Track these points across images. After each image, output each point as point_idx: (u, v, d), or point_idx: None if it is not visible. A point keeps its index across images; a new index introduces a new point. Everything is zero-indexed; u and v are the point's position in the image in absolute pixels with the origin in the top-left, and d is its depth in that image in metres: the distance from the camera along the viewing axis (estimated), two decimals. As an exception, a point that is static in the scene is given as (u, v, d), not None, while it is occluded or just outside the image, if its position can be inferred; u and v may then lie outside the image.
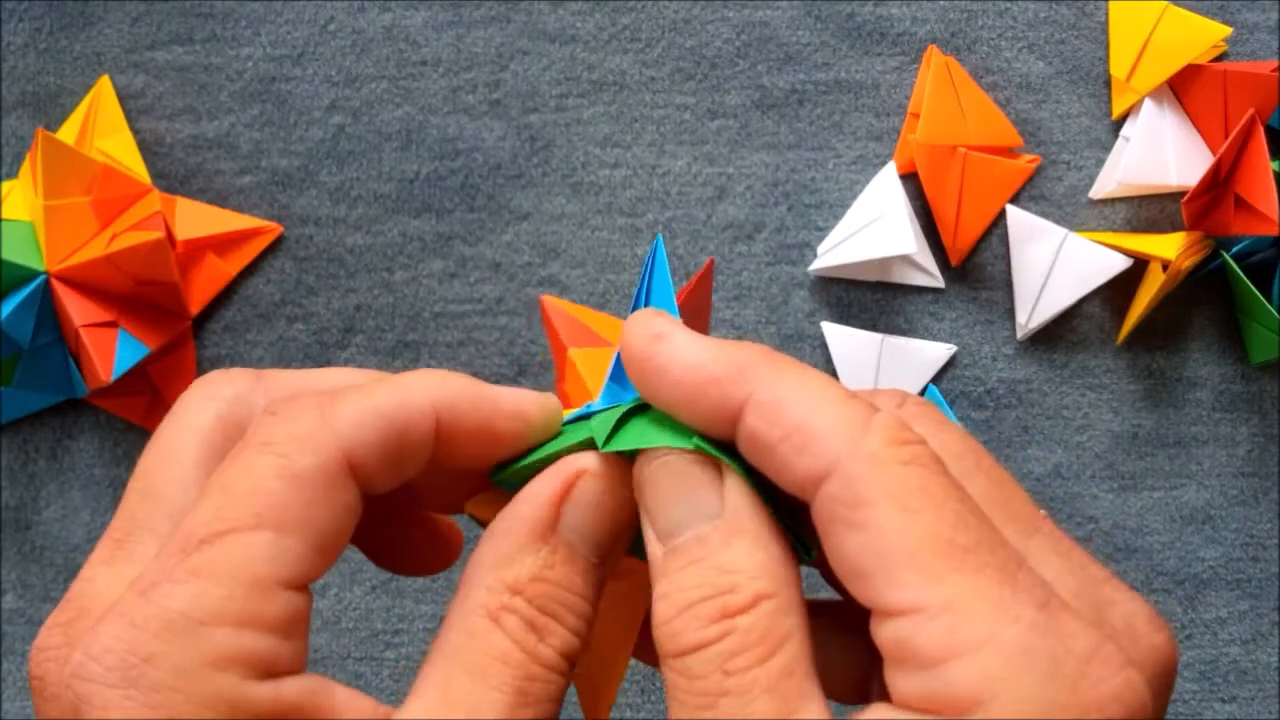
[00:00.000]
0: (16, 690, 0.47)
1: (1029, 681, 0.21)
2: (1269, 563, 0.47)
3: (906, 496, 0.22)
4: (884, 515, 0.22)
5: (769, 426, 0.23)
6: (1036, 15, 0.48)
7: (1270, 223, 0.43)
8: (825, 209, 0.47)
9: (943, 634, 0.21)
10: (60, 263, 0.43)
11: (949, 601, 0.22)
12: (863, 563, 0.22)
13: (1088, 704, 0.21)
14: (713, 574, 0.23)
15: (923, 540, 0.22)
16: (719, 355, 0.24)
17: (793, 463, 0.23)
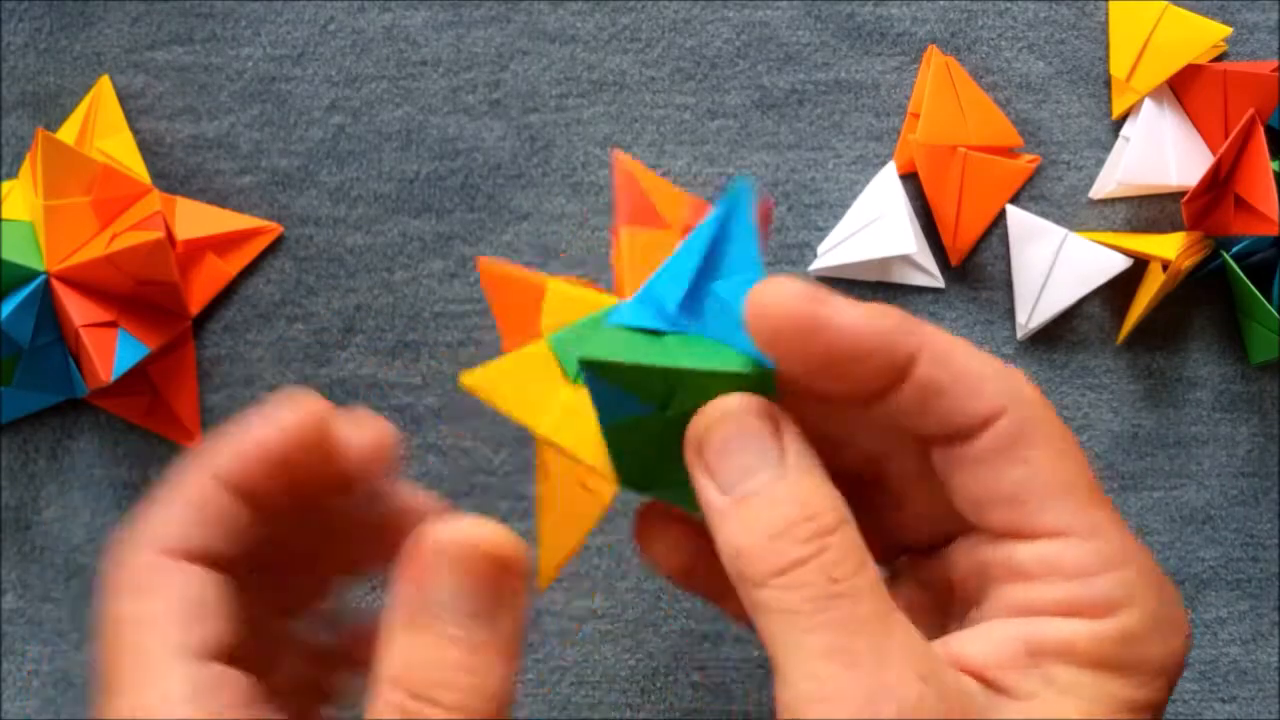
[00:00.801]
0: (16, 690, 0.47)
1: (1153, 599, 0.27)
2: (1269, 563, 0.47)
3: (1062, 441, 0.27)
4: (1045, 454, 0.27)
5: (943, 371, 0.27)
6: (1036, 15, 0.48)
7: (1270, 223, 0.43)
8: (825, 209, 0.47)
9: (1092, 552, 0.27)
10: (60, 263, 0.43)
11: (1096, 528, 0.27)
12: (1020, 492, 0.27)
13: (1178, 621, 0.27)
14: (795, 506, 0.26)
15: (1074, 478, 0.27)
16: (884, 312, 0.27)
17: (965, 404, 0.27)
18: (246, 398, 0.47)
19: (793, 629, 0.25)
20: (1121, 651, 0.26)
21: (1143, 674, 0.26)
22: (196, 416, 0.47)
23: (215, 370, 0.47)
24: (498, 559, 0.26)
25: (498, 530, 0.26)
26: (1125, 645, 0.26)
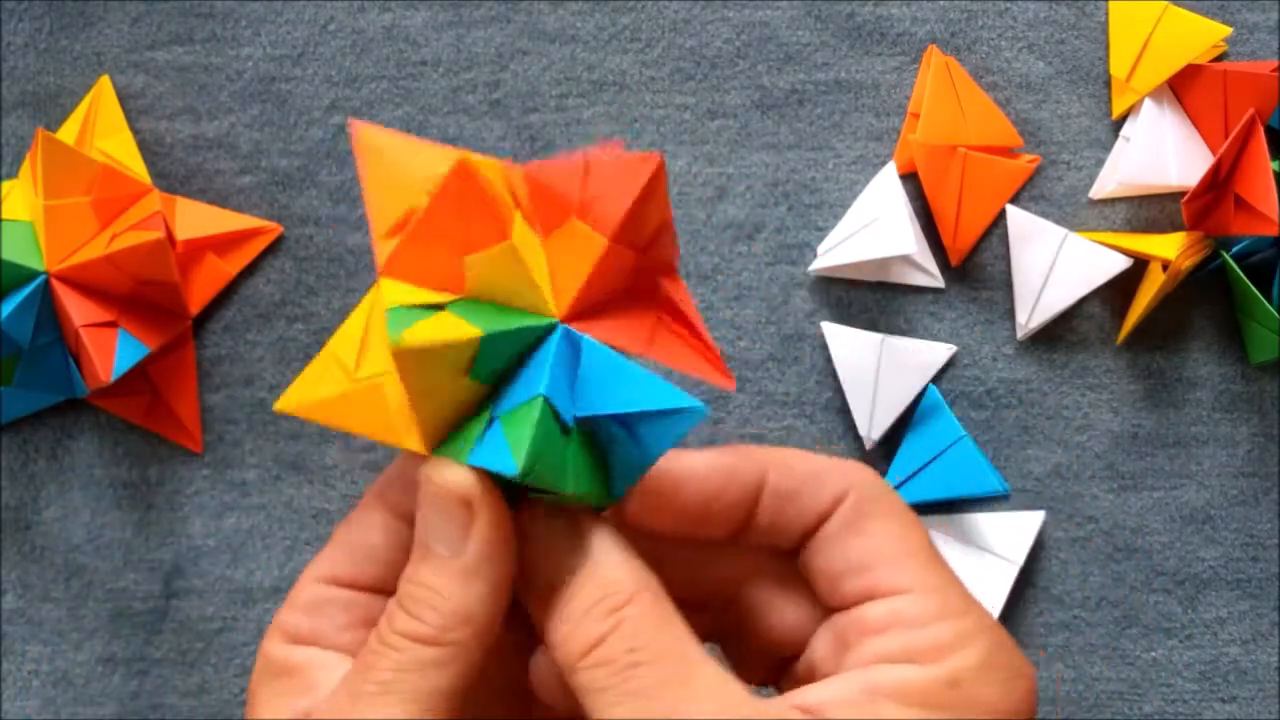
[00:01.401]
0: (17, 690, 0.47)
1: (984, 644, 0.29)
2: (1269, 563, 0.47)
3: (899, 514, 0.30)
4: (887, 525, 0.30)
5: (789, 478, 0.30)
6: (1036, 15, 0.48)
7: (1270, 223, 0.43)
8: (825, 209, 0.47)
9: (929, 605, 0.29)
10: (60, 263, 0.43)
11: (937, 585, 0.29)
12: (866, 558, 0.30)
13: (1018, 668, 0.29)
14: (593, 588, 0.28)
15: (914, 544, 0.30)
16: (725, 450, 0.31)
17: (814, 496, 0.30)
18: (246, 398, 0.47)
19: (603, 705, 0.27)
20: (949, 692, 0.28)
21: (971, 714, 0.28)
22: (196, 416, 0.47)
23: (215, 370, 0.47)
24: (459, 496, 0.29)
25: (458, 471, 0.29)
26: (953, 687, 0.28)
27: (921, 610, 0.29)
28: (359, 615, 0.31)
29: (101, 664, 0.47)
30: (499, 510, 0.29)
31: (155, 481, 0.47)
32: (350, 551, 0.32)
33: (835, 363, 0.47)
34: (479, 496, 0.29)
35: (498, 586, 0.29)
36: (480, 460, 0.28)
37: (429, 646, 0.29)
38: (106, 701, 0.47)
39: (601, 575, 0.29)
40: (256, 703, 0.31)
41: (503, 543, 0.29)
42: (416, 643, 0.29)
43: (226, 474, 0.47)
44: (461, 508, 0.29)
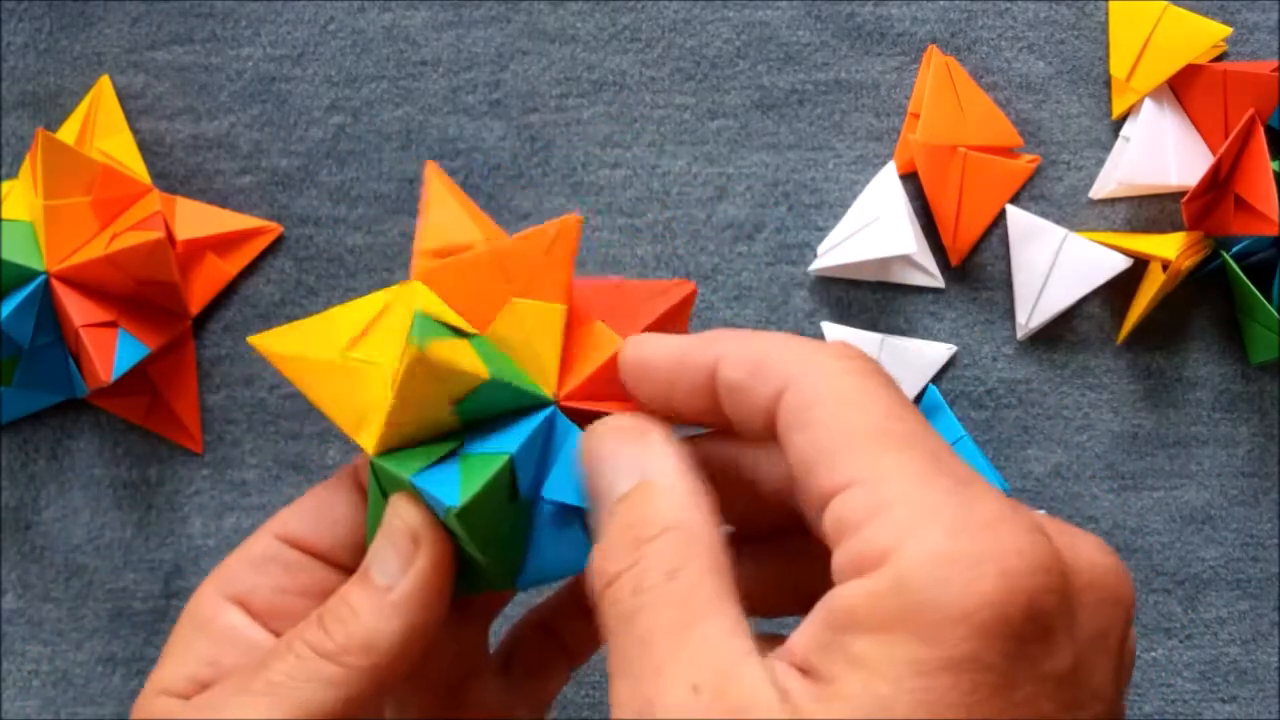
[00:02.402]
0: (17, 690, 0.47)
1: (933, 534, 0.23)
2: (1269, 563, 0.47)
3: (848, 394, 0.25)
4: (828, 411, 0.25)
5: (736, 369, 0.27)
6: (1036, 15, 0.48)
7: (1270, 223, 0.43)
8: (825, 209, 0.47)
9: (865, 499, 0.24)
10: (60, 263, 0.43)
11: (877, 474, 0.24)
12: (809, 456, 0.25)
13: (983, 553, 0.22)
14: (631, 518, 0.26)
15: (860, 427, 0.25)
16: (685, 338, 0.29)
17: (759, 391, 0.26)
18: (246, 398, 0.47)
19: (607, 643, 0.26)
20: (901, 602, 0.22)
21: (930, 625, 0.22)
22: (196, 416, 0.47)
23: (215, 370, 0.47)
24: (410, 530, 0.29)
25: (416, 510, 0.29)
26: (902, 593, 0.22)
27: (862, 505, 0.24)
28: (300, 582, 0.32)
29: (102, 664, 0.47)
30: (442, 558, 0.29)
31: (155, 481, 0.47)
32: (315, 514, 0.32)
33: (835, 363, 0.47)
34: (427, 537, 0.29)
35: (415, 629, 0.29)
36: (424, 483, 0.29)
37: (325, 662, 0.29)
38: (107, 701, 0.47)
39: (638, 501, 0.27)
40: (170, 643, 0.31)
41: (434, 590, 0.29)
42: (316, 655, 0.29)
43: (226, 474, 0.47)
44: (409, 543, 0.29)
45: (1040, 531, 0.23)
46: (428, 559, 0.29)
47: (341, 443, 0.47)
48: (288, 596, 0.32)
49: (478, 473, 0.29)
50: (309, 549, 0.32)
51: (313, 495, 0.33)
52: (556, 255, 0.31)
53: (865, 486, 0.24)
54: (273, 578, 0.32)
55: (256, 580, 0.32)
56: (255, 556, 0.32)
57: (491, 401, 0.30)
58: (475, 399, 0.30)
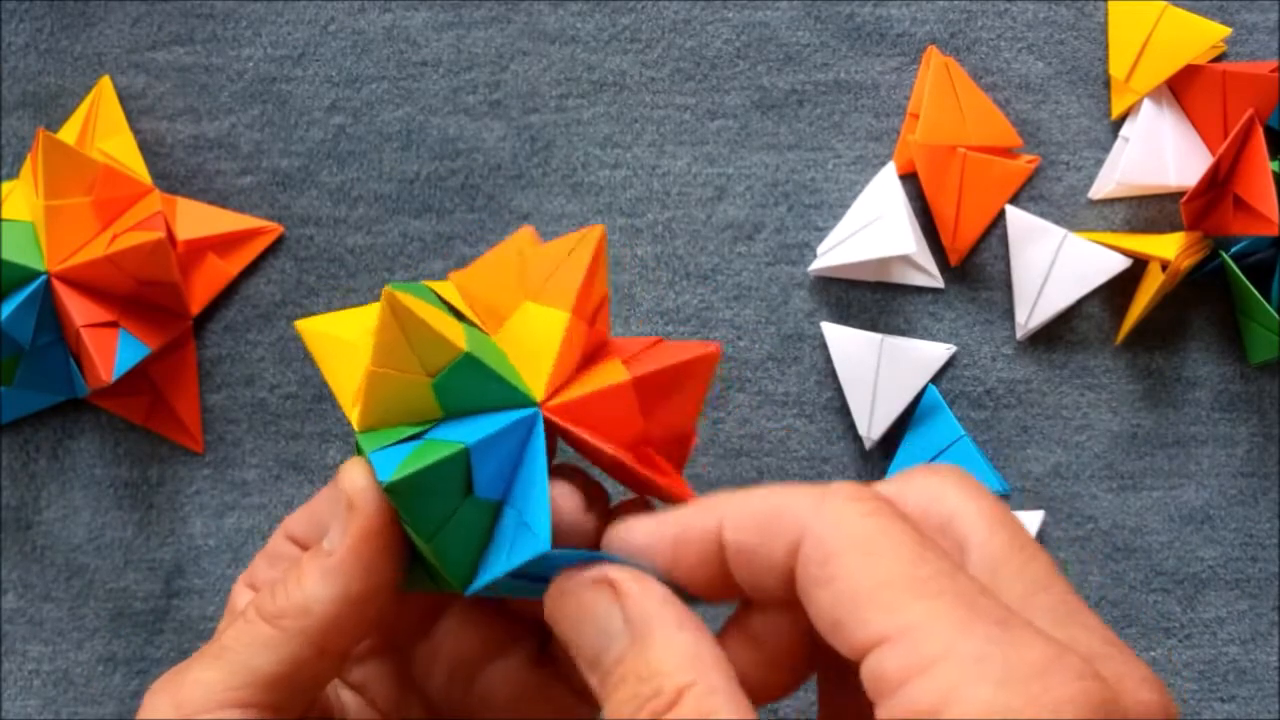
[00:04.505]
0: (17, 690, 0.47)
1: (983, 688, 0.22)
2: (1268, 562, 0.48)
3: (868, 541, 0.24)
4: (851, 562, 0.24)
5: (742, 531, 0.26)
6: (1036, 15, 0.48)
7: (1269, 223, 0.43)
8: (825, 209, 0.47)
9: (905, 655, 0.22)
10: (61, 263, 0.43)
11: (909, 626, 0.22)
12: (837, 613, 0.24)
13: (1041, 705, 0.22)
14: (636, 684, 0.25)
15: (884, 578, 0.23)
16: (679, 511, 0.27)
17: (771, 550, 0.25)
18: (247, 398, 0.47)
19: None
20: None
21: None
22: (197, 416, 0.47)
23: (216, 370, 0.47)
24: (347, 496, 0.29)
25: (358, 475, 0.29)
26: None
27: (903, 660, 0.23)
28: None
29: (102, 663, 0.47)
30: (377, 523, 0.29)
31: (156, 481, 0.47)
32: (311, 517, 0.33)
33: (835, 363, 0.47)
34: (360, 503, 0.29)
35: (350, 595, 0.29)
36: (376, 457, 0.29)
37: (265, 625, 0.29)
38: (107, 701, 0.47)
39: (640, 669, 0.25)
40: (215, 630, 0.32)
41: (369, 556, 0.29)
42: (259, 619, 0.29)
43: (227, 474, 0.47)
44: (346, 509, 0.29)
45: (1090, 676, 0.22)
46: (359, 525, 0.29)
47: (342, 443, 0.47)
48: None
49: (424, 456, 0.29)
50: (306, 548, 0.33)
51: (315, 498, 0.34)
52: (573, 263, 0.31)
53: (903, 641, 0.23)
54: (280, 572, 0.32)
55: (270, 573, 0.33)
56: (270, 553, 0.33)
57: (473, 389, 0.30)
58: (455, 380, 0.29)
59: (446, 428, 0.30)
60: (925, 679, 0.22)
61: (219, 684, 0.29)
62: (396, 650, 0.34)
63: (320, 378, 0.47)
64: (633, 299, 0.47)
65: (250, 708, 0.29)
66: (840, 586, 0.24)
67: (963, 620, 0.23)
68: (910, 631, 0.23)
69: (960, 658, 0.22)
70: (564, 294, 0.30)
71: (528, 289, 0.31)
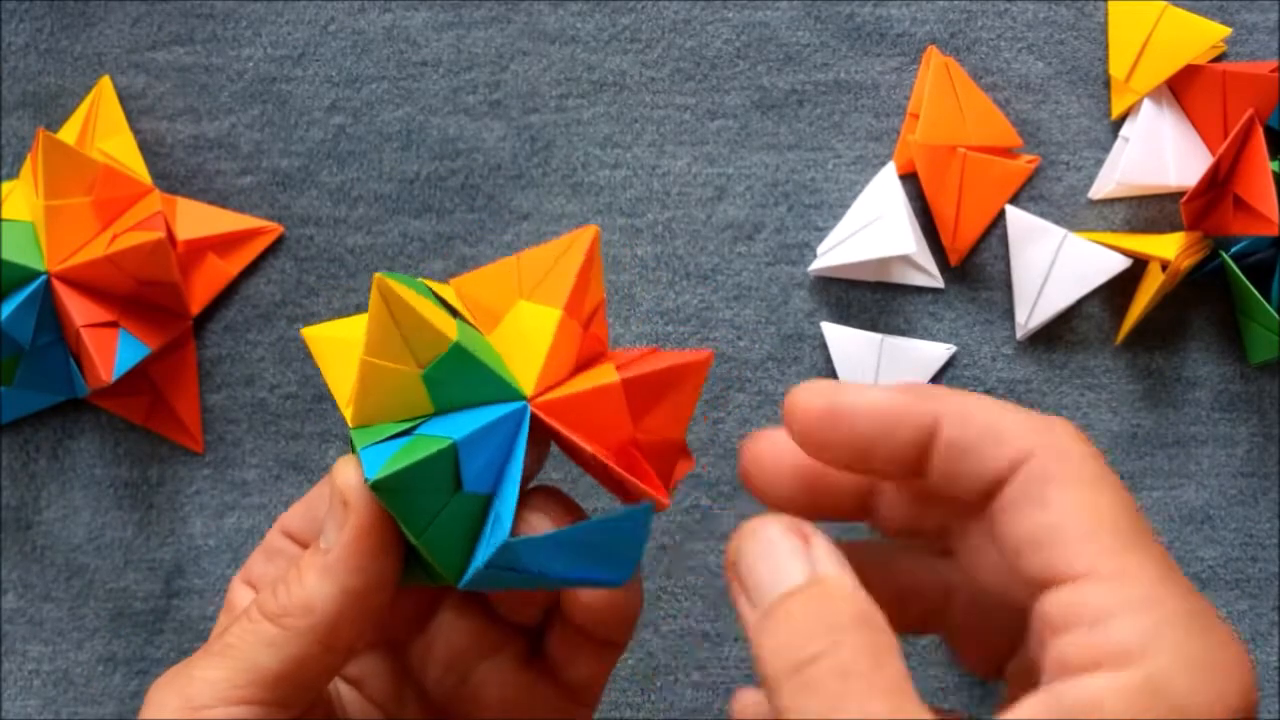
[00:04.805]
0: (17, 690, 0.47)
1: (1188, 639, 0.24)
2: (1268, 562, 0.48)
3: (1091, 480, 0.25)
4: (1071, 493, 0.25)
5: (965, 430, 0.27)
6: (1036, 16, 0.48)
7: (1269, 223, 0.44)
8: (825, 209, 0.47)
9: (1112, 594, 0.24)
10: (61, 263, 0.43)
11: (1121, 569, 0.24)
12: (1040, 535, 0.25)
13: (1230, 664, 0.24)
14: (815, 607, 0.26)
15: (1102, 518, 0.25)
16: (901, 388, 0.28)
17: (990, 455, 0.26)
18: (247, 398, 0.47)
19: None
20: (1153, 702, 0.23)
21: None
22: (197, 416, 0.47)
23: (216, 370, 0.47)
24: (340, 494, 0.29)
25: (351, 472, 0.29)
26: (1155, 694, 0.23)
27: (1104, 601, 0.24)
28: None
29: (102, 663, 0.47)
30: (371, 520, 0.29)
31: (156, 481, 0.47)
32: (307, 512, 0.33)
33: (835, 363, 0.47)
34: (354, 500, 0.29)
35: (350, 592, 0.30)
36: (365, 454, 0.29)
37: (268, 624, 0.30)
38: (107, 701, 0.47)
39: (826, 595, 0.26)
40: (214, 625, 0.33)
41: (365, 553, 0.30)
42: (263, 617, 0.30)
43: (227, 474, 0.47)
44: (340, 507, 0.30)
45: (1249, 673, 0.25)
46: (354, 523, 0.29)
47: (342, 442, 0.47)
48: None
49: (411, 453, 0.29)
50: (302, 544, 0.33)
51: (311, 493, 0.34)
52: (566, 263, 0.31)
53: (1110, 581, 0.24)
54: (278, 568, 0.33)
55: (266, 569, 0.33)
56: (267, 548, 0.33)
57: (463, 382, 0.30)
58: (445, 371, 0.29)
59: (436, 423, 0.30)
60: (1128, 620, 0.24)
61: (224, 682, 0.29)
62: (393, 645, 0.34)
63: (321, 378, 0.47)
64: (633, 299, 0.47)
65: (256, 705, 0.29)
66: (1054, 512, 0.25)
67: (1164, 576, 0.24)
68: (1119, 573, 0.24)
69: (1165, 607, 0.24)
70: (557, 293, 0.31)
71: (522, 289, 0.31)
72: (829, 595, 0.26)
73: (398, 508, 0.29)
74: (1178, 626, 0.24)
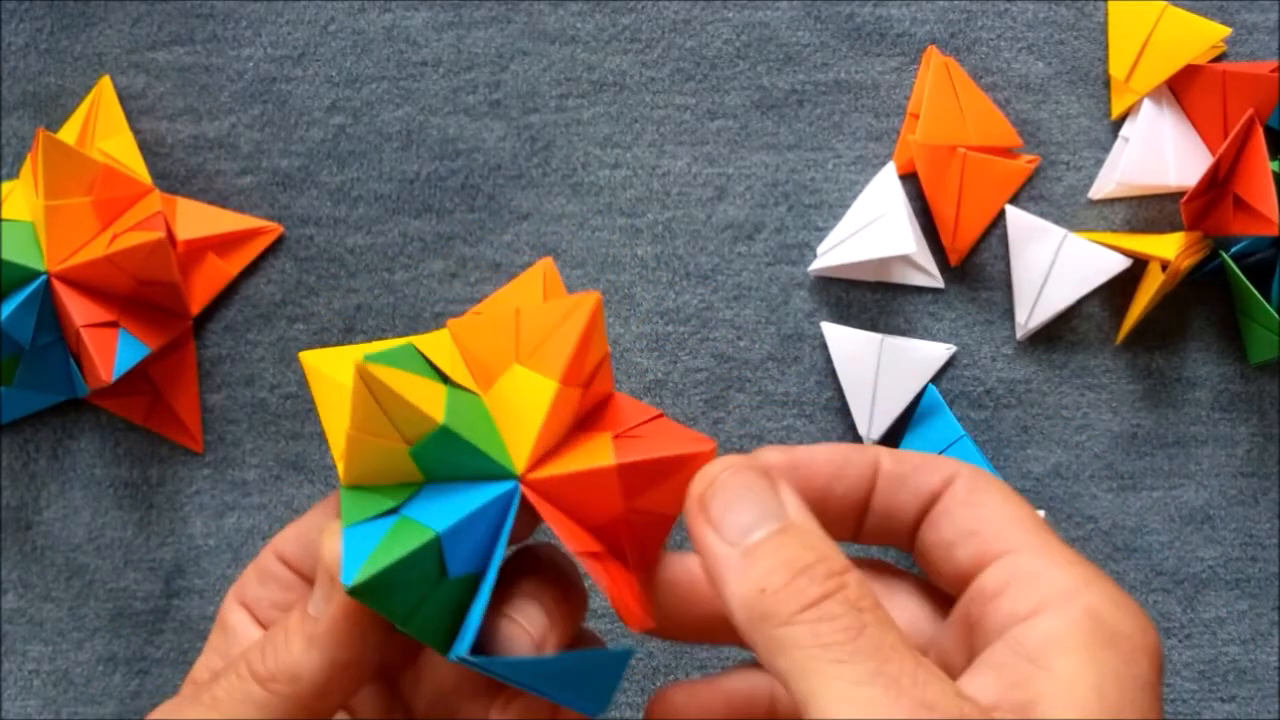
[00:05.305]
0: (17, 690, 0.47)
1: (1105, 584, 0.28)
2: (1268, 562, 0.48)
3: (1010, 493, 0.31)
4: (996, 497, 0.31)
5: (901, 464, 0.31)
6: (1036, 16, 0.48)
7: (1269, 223, 0.43)
8: (825, 209, 0.47)
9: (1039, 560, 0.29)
10: (61, 263, 0.43)
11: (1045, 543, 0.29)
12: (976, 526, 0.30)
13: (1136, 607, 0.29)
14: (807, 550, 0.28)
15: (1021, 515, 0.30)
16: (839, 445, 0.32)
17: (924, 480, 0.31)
18: (247, 398, 0.47)
19: (827, 660, 0.26)
20: (1097, 627, 0.27)
21: (1126, 649, 0.27)
22: (197, 416, 0.47)
23: (216, 370, 0.47)
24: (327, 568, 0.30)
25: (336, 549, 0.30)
26: (1097, 621, 0.27)
27: (1035, 565, 0.29)
28: (291, 599, 0.33)
29: (102, 663, 0.47)
30: None
31: (156, 481, 0.47)
32: (299, 539, 0.33)
33: (835, 363, 0.47)
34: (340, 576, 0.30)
35: (337, 664, 0.30)
36: (347, 541, 0.29)
37: (256, 686, 0.30)
38: (107, 701, 0.47)
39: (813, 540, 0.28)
40: (206, 642, 0.34)
41: (352, 629, 0.30)
42: (250, 677, 0.30)
43: (227, 474, 0.47)
44: (328, 580, 0.30)
45: None
46: (341, 600, 0.30)
47: (342, 443, 0.47)
48: (281, 612, 0.33)
49: (392, 549, 0.28)
50: (296, 570, 0.33)
51: (304, 517, 0.34)
52: (566, 331, 0.30)
53: (1036, 551, 0.29)
54: (271, 592, 0.33)
55: (259, 592, 0.33)
56: (261, 569, 0.33)
57: (452, 458, 0.29)
58: (434, 449, 0.29)
59: (423, 501, 0.30)
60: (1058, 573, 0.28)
61: None
62: (386, 671, 0.34)
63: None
64: (633, 299, 0.47)
65: None
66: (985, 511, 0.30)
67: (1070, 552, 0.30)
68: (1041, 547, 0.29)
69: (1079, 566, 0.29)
70: (554, 363, 0.30)
71: (520, 351, 0.31)
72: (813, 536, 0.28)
73: (379, 604, 0.29)
74: (1099, 578, 0.28)
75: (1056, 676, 0.27)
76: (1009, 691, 0.27)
